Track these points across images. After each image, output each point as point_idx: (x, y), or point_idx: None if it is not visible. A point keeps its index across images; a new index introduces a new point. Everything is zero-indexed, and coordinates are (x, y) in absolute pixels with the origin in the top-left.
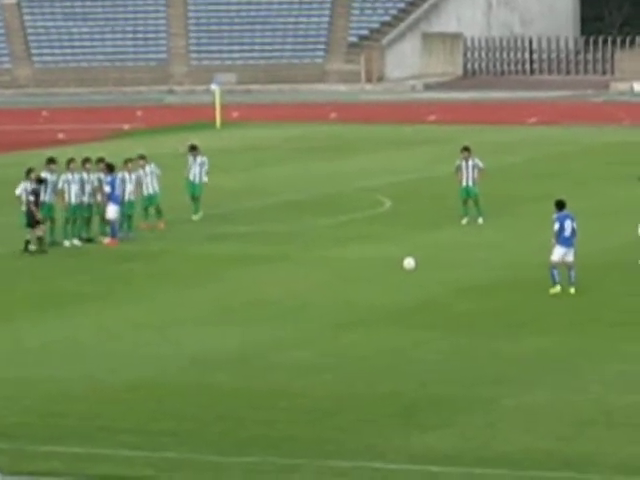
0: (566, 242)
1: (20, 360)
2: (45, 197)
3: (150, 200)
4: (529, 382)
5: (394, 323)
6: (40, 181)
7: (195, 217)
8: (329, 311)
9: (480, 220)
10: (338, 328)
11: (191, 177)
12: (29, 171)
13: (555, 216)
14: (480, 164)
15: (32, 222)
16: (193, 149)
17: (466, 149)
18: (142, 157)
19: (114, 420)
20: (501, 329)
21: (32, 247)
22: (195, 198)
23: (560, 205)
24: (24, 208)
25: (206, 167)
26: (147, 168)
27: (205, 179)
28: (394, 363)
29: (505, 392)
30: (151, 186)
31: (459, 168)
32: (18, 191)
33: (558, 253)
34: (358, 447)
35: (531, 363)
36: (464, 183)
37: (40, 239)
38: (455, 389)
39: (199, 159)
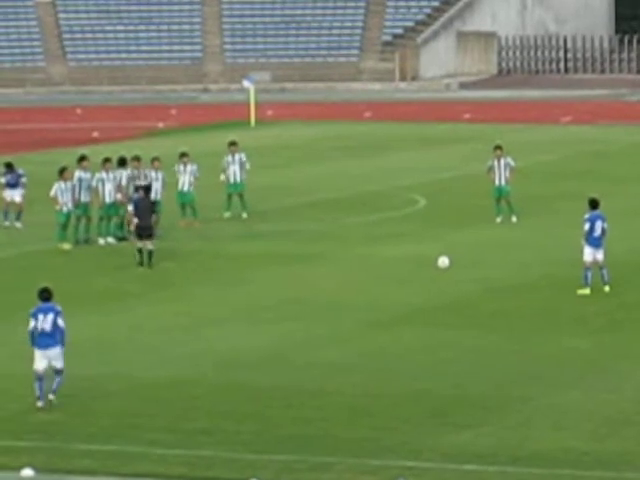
0: (595, 242)
1: None
2: (78, 195)
3: (184, 198)
4: (563, 381)
5: (428, 322)
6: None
7: (244, 215)
8: (363, 310)
9: (514, 218)
10: (372, 327)
11: (228, 176)
12: (62, 170)
13: (586, 216)
14: (512, 163)
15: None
16: (233, 145)
17: (498, 148)
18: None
19: (148, 418)
20: (535, 328)
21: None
22: (239, 196)
23: (593, 204)
24: (58, 208)
25: (246, 164)
26: (188, 166)
27: (244, 178)
28: (428, 362)
29: (539, 391)
30: (188, 185)
31: (491, 167)
32: (52, 192)
33: (588, 253)
34: (391, 445)
35: (565, 362)
36: (497, 182)
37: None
38: (489, 388)
39: (237, 156)
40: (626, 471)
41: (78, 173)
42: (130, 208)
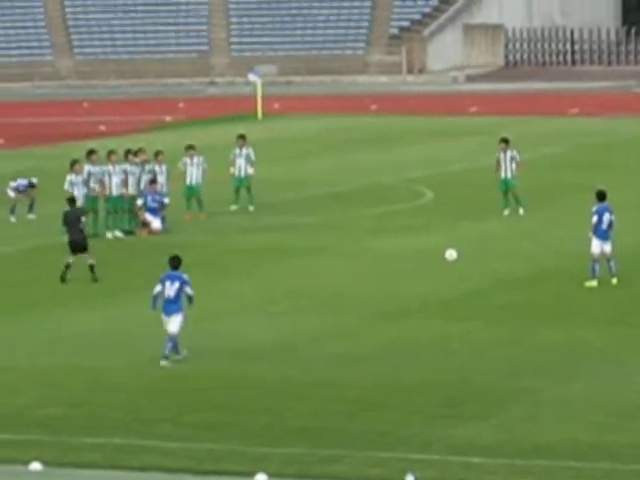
0: (603, 235)
1: (61, 350)
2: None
3: (192, 191)
4: (571, 373)
5: (436, 314)
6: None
7: (250, 208)
8: (371, 302)
9: (521, 211)
10: (380, 319)
11: (236, 169)
12: (73, 163)
13: (594, 209)
14: (517, 157)
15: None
16: (242, 138)
17: (504, 141)
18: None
19: (155, 411)
20: (543, 320)
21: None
22: (246, 189)
23: (601, 196)
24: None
25: (252, 158)
26: (195, 159)
27: (251, 171)
28: (436, 354)
29: (547, 383)
30: (195, 178)
31: (497, 160)
32: (66, 186)
33: (596, 245)
34: (400, 438)
35: (573, 354)
36: (502, 175)
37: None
38: (497, 380)
39: (245, 150)
40: (634, 463)
41: (87, 167)
42: (139, 202)
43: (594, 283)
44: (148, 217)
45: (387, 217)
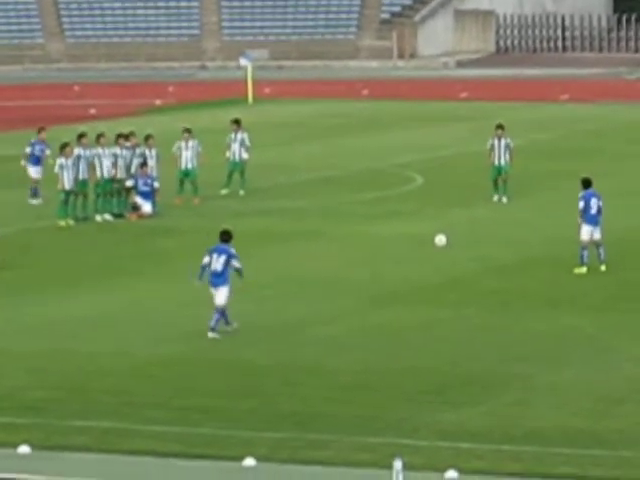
0: (592, 220)
1: (51, 334)
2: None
3: (187, 174)
4: (561, 359)
5: (426, 300)
6: None
7: (241, 192)
8: (361, 287)
9: (504, 199)
10: (370, 304)
11: (231, 153)
12: (63, 146)
13: (580, 194)
14: (511, 144)
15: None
16: (236, 123)
17: (500, 127)
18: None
19: (144, 395)
20: (533, 306)
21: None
22: (240, 173)
23: (586, 183)
24: (60, 187)
25: (247, 143)
26: (190, 142)
27: (245, 156)
28: (426, 340)
29: (536, 369)
30: (190, 161)
31: (492, 146)
32: (56, 169)
33: (586, 232)
34: (388, 423)
35: (563, 340)
36: (496, 162)
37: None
38: (486, 366)
39: (239, 135)
40: (623, 449)
41: (77, 150)
42: (129, 183)
43: (583, 270)
44: (139, 201)
45: (377, 202)
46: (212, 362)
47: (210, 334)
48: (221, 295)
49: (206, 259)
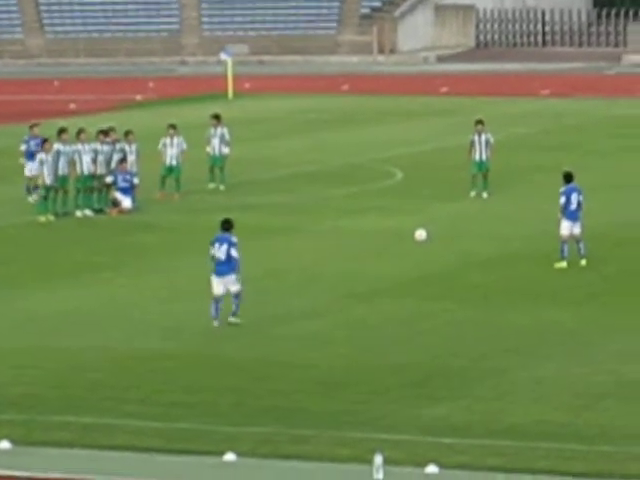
0: (572, 216)
1: (31, 329)
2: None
3: (170, 171)
4: (541, 354)
5: (406, 294)
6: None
7: (221, 187)
8: (341, 282)
9: (485, 195)
10: (350, 299)
11: (211, 148)
12: (44, 141)
13: (562, 190)
14: (491, 139)
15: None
16: (216, 118)
17: (480, 122)
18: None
19: (125, 391)
20: (513, 301)
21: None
22: (219, 168)
23: (568, 177)
24: (40, 182)
25: (227, 137)
26: (175, 139)
27: (225, 150)
28: (405, 334)
29: (517, 364)
30: (174, 158)
31: (472, 142)
32: (36, 164)
33: (566, 227)
34: (369, 418)
35: (543, 335)
36: (477, 157)
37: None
38: (467, 361)
39: (219, 130)
40: (602, 444)
41: (57, 146)
42: (109, 179)
43: (564, 264)
44: (118, 196)
45: (357, 197)
46: (193, 357)
47: (231, 318)
48: (232, 282)
49: (211, 251)
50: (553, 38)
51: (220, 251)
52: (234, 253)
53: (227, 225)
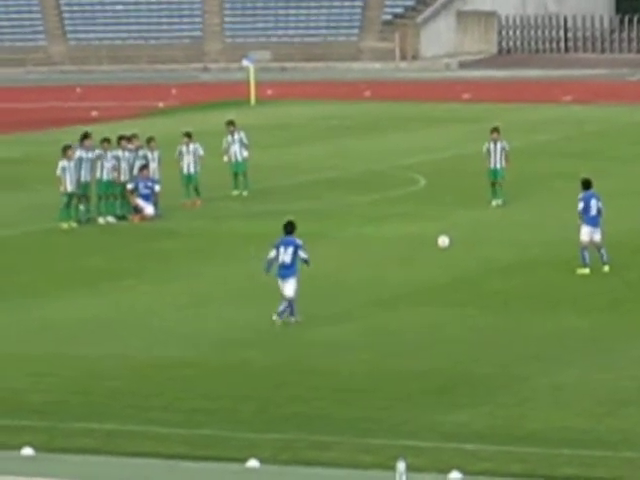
0: (592, 221)
1: (53, 337)
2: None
3: (189, 179)
4: (563, 360)
5: (428, 301)
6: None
7: (245, 193)
8: (363, 289)
9: (498, 202)
10: (373, 305)
11: (230, 156)
12: (65, 148)
13: (580, 196)
14: (506, 147)
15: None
16: (231, 124)
17: (495, 130)
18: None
19: (146, 398)
20: (535, 307)
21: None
22: (242, 174)
23: (586, 184)
24: (62, 189)
25: (245, 141)
26: (191, 146)
27: (245, 154)
28: (428, 341)
29: (539, 370)
30: (192, 166)
31: (488, 150)
32: (58, 172)
33: (586, 233)
34: (391, 425)
35: (565, 341)
36: (492, 165)
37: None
38: (489, 367)
39: (237, 135)
40: (625, 450)
41: (79, 152)
42: (130, 186)
43: (586, 270)
44: (140, 203)
45: (380, 203)
46: (214, 364)
47: (274, 317)
48: (290, 287)
49: (272, 253)
50: (575, 44)
51: (286, 254)
52: (303, 254)
53: (290, 228)
